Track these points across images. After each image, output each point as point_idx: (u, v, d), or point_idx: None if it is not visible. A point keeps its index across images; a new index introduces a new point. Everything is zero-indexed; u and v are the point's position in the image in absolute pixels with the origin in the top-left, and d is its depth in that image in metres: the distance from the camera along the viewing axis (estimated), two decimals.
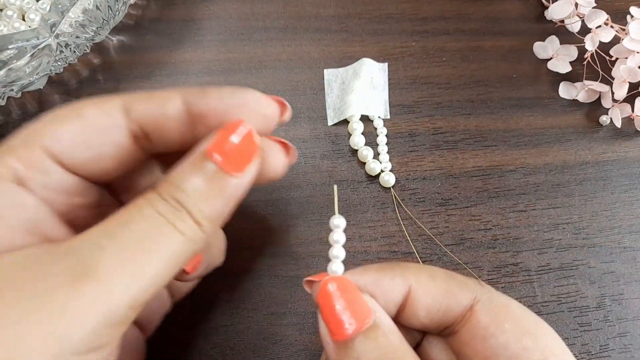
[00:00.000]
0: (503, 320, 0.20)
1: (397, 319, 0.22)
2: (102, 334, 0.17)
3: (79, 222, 0.21)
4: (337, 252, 0.22)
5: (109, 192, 0.24)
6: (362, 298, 0.20)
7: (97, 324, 0.16)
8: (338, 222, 0.22)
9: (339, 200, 0.25)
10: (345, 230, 0.22)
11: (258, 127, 0.21)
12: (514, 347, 0.19)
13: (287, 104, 0.23)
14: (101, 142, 0.21)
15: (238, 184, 0.20)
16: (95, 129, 0.20)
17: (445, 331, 0.22)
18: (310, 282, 0.22)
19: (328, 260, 0.22)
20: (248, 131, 0.20)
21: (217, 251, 0.28)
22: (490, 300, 0.20)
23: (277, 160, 0.23)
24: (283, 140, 0.24)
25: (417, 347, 0.24)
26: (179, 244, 0.18)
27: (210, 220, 0.19)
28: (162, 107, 0.21)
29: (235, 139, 0.20)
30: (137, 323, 0.25)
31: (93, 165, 0.21)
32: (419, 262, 0.32)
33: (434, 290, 0.21)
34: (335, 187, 0.23)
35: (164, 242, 0.18)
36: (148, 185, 0.23)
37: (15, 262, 0.17)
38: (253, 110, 0.21)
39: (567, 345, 0.30)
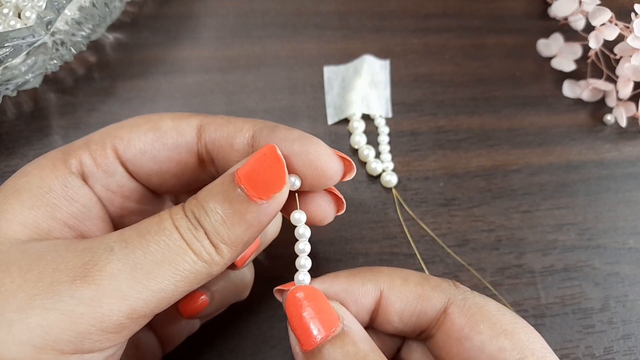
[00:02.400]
0: (478, 321, 0.19)
1: (371, 324, 0.22)
2: (92, 338, 0.16)
3: (131, 225, 0.22)
4: (304, 262, 0.21)
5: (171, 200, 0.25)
6: (330, 306, 0.19)
7: (88, 327, 0.16)
8: (303, 231, 0.21)
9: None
10: (310, 239, 0.22)
11: (314, 182, 0.20)
12: (490, 348, 0.19)
13: (353, 164, 0.22)
14: (168, 158, 0.21)
15: (261, 211, 0.19)
16: (166, 145, 0.21)
17: (422, 335, 0.21)
18: (281, 291, 0.22)
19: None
20: (279, 158, 0.19)
21: (240, 285, 0.27)
22: (465, 302, 0.20)
23: (323, 211, 0.22)
24: (336, 192, 0.23)
25: (397, 352, 0.23)
26: (191, 265, 0.18)
27: (228, 245, 0.19)
28: (232, 137, 0.21)
29: (264, 165, 0.19)
30: (160, 338, 0.25)
31: (155, 177, 0.22)
32: (421, 264, 0.31)
33: (406, 295, 0.21)
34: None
35: (175, 260, 0.18)
36: None
37: (38, 249, 0.18)
38: (312, 163, 0.20)
39: (570, 347, 0.30)
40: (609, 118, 0.36)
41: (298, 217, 0.21)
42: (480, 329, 0.19)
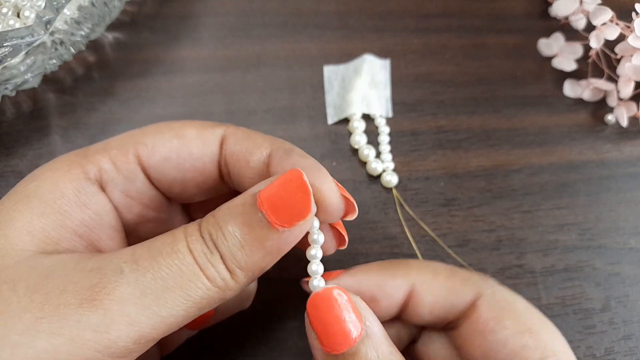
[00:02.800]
0: (504, 317, 0.19)
1: (399, 316, 0.22)
2: None
3: (144, 233, 0.22)
4: (315, 268, 0.21)
5: (185, 210, 0.24)
6: (353, 309, 0.19)
7: (94, 353, 0.16)
8: (317, 237, 0.20)
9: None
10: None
11: (319, 210, 0.20)
12: (513, 344, 0.19)
13: (355, 206, 0.21)
14: (193, 167, 0.21)
15: (282, 239, 0.18)
16: (192, 154, 0.21)
17: (447, 326, 0.22)
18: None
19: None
20: (305, 186, 0.19)
21: (244, 295, 0.26)
22: (494, 296, 0.20)
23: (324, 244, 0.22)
24: (340, 228, 0.23)
25: (414, 342, 0.23)
26: (204, 291, 0.17)
27: (245, 270, 0.18)
28: (250, 153, 0.21)
29: (288, 190, 0.18)
30: (159, 341, 0.25)
31: (177, 185, 0.21)
32: None
33: (437, 288, 0.21)
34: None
35: (187, 286, 0.17)
36: None
37: (47, 265, 0.17)
38: (317, 198, 0.19)
39: (571, 348, 0.29)
40: (609, 118, 0.36)
41: (316, 238, 0.20)
42: (505, 324, 0.19)
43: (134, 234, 0.22)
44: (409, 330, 0.23)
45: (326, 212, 0.20)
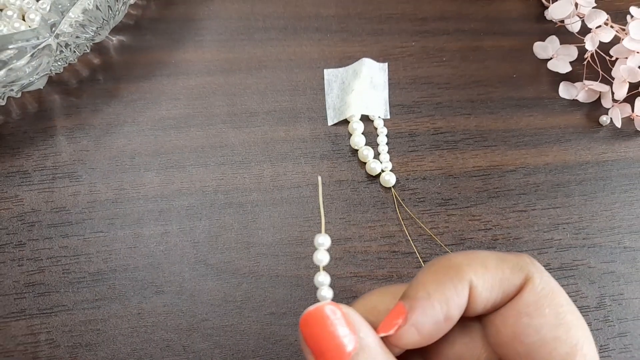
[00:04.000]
0: (545, 305, 0.19)
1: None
2: None
3: None
4: (323, 279, 0.20)
5: None
6: (347, 323, 0.19)
7: None
8: (323, 240, 0.20)
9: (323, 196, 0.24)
10: (329, 250, 0.20)
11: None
12: (546, 334, 0.19)
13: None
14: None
15: None
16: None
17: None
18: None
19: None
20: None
21: None
22: (541, 282, 0.19)
23: None
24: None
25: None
26: None
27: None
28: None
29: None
30: None
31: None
32: (421, 262, 0.32)
33: (489, 281, 0.20)
34: (319, 178, 0.22)
35: None
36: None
37: None
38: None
39: None
40: (604, 119, 0.37)
41: (321, 242, 0.20)
42: (545, 312, 0.19)
43: None
44: None
45: None
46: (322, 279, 0.20)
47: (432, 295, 0.19)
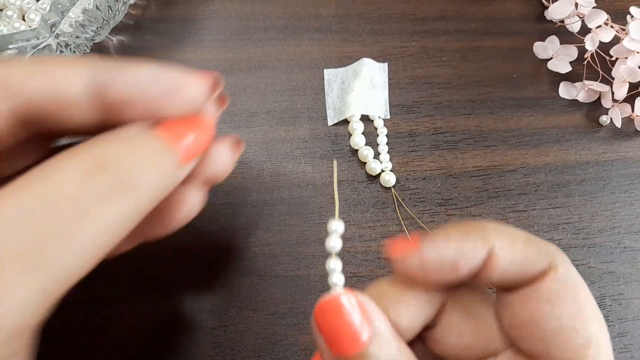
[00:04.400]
0: (568, 296, 0.19)
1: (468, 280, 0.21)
2: None
3: None
4: (335, 265, 0.20)
5: None
6: (362, 312, 0.19)
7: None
8: (337, 226, 0.20)
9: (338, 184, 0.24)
10: (342, 236, 0.21)
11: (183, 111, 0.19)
12: (564, 323, 0.18)
13: (216, 80, 0.20)
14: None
15: (182, 172, 0.18)
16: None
17: (507, 287, 0.21)
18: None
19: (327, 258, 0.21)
20: (211, 136, 0.19)
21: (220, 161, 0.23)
22: (565, 271, 0.19)
23: (225, 159, 0.22)
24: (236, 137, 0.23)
25: (430, 328, 0.23)
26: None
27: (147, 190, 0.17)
28: (59, 87, 0.17)
29: (200, 138, 0.19)
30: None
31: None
32: None
33: (513, 255, 0.19)
34: (335, 162, 0.22)
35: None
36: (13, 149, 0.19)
37: None
38: (190, 99, 0.19)
39: None
40: (604, 119, 0.37)
41: (335, 228, 0.20)
42: (566, 302, 0.19)
43: None
44: (422, 318, 0.22)
45: (192, 99, 0.19)
46: (334, 264, 0.20)
47: (450, 239, 0.19)
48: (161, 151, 0.17)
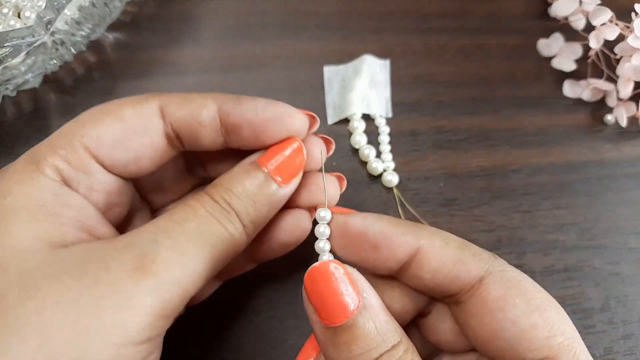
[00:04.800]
0: (514, 295, 0.19)
1: (400, 276, 0.21)
2: (157, 325, 0.18)
3: (113, 220, 0.22)
4: (324, 230, 0.22)
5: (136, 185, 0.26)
6: (350, 282, 0.19)
7: (154, 316, 0.17)
8: (324, 214, 0.22)
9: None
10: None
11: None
12: (522, 323, 0.19)
13: (317, 118, 0.25)
14: (140, 144, 0.22)
15: (281, 193, 0.22)
16: (134, 132, 0.21)
17: (450, 299, 0.21)
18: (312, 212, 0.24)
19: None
20: (299, 148, 0.23)
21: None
22: (503, 274, 0.20)
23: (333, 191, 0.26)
24: (339, 174, 0.27)
25: (424, 316, 0.23)
26: (226, 243, 0.20)
27: (254, 223, 0.21)
28: (197, 114, 0.22)
29: (287, 153, 0.23)
30: None
31: (131, 166, 0.22)
32: None
33: (444, 256, 0.20)
34: (322, 151, 0.25)
35: (213, 241, 0.20)
36: (172, 179, 0.26)
37: (74, 255, 0.18)
38: (288, 126, 0.23)
39: None
40: (609, 118, 0.36)
41: (323, 215, 0.22)
42: (515, 302, 0.19)
43: (110, 220, 0.22)
44: (415, 303, 0.23)
45: (296, 129, 0.23)
46: (323, 229, 0.22)
47: (381, 221, 0.21)
48: (262, 181, 0.22)
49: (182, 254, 0.19)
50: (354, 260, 0.21)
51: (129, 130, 0.21)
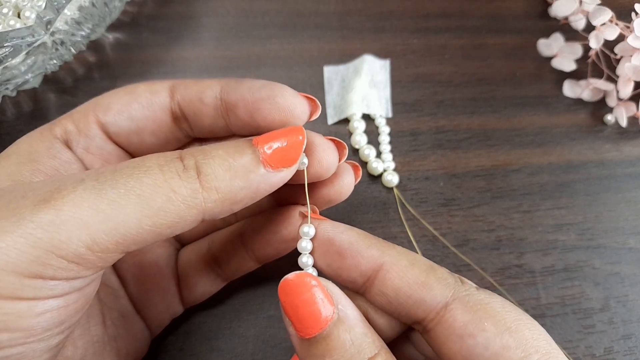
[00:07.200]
0: (482, 319, 0.19)
1: (366, 294, 0.21)
2: (53, 265, 0.16)
3: None
4: (306, 245, 0.21)
5: None
6: (324, 293, 0.19)
7: (46, 252, 0.16)
8: (307, 230, 0.21)
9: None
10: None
11: (285, 122, 0.22)
12: (494, 346, 0.18)
13: (317, 102, 0.23)
14: (144, 116, 0.23)
15: (265, 176, 0.19)
16: (141, 104, 0.23)
17: (418, 326, 0.21)
18: (302, 215, 0.22)
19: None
20: (301, 140, 0.20)
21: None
22: (469, 298, 0.19)
23: (327, 156, 0.23)
24: (354, 162, 0.25)
25: (405, 341, 0.23)
26: (165, 200, 0.17)
27: (219, 192, 0.18)
28: (202, 92, 0.23)
29: (286, 139, 0.20)
30: (145, 319, 0.26)
31: (134, 137, 0.23)
32: None
33: (408, 277, 0.20)
34: (305, 161, 0.22)
35: (146, 195, 0.17)
36: None
37: (15, 185, 0.19)
38: (280, 105, 0.22)
39: (570, 347, 0.30)
40: (609, 118, 0.36)
41: (307, 230, 0.21)
42: (484, 326, 0.19)
43: None
44: (390, 326, 0.22)
45: (293, 113, 0.22)
46: (305, 244, 0.21)
47: (350, 231, 0.21)
48: (248, 156, 0.19)
49: (101, 197, 0.17)
50: (331, 274, 0.21)
51: (136, 101, 0.23)
